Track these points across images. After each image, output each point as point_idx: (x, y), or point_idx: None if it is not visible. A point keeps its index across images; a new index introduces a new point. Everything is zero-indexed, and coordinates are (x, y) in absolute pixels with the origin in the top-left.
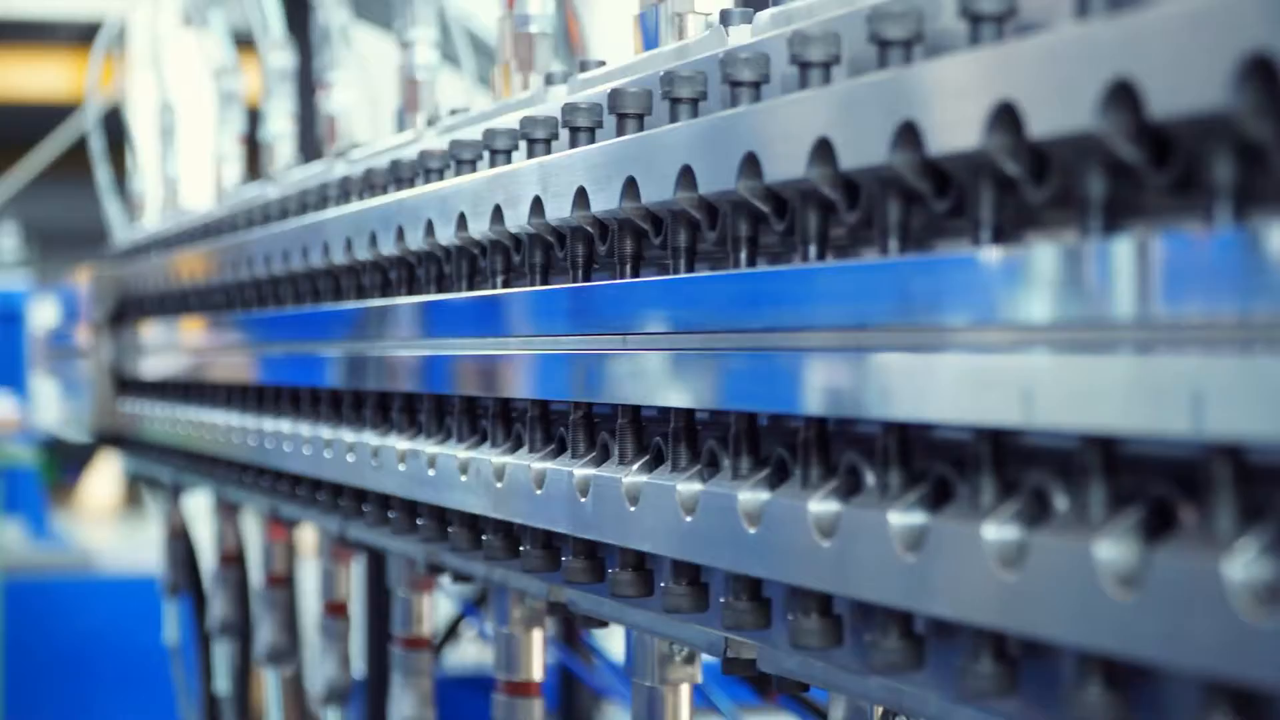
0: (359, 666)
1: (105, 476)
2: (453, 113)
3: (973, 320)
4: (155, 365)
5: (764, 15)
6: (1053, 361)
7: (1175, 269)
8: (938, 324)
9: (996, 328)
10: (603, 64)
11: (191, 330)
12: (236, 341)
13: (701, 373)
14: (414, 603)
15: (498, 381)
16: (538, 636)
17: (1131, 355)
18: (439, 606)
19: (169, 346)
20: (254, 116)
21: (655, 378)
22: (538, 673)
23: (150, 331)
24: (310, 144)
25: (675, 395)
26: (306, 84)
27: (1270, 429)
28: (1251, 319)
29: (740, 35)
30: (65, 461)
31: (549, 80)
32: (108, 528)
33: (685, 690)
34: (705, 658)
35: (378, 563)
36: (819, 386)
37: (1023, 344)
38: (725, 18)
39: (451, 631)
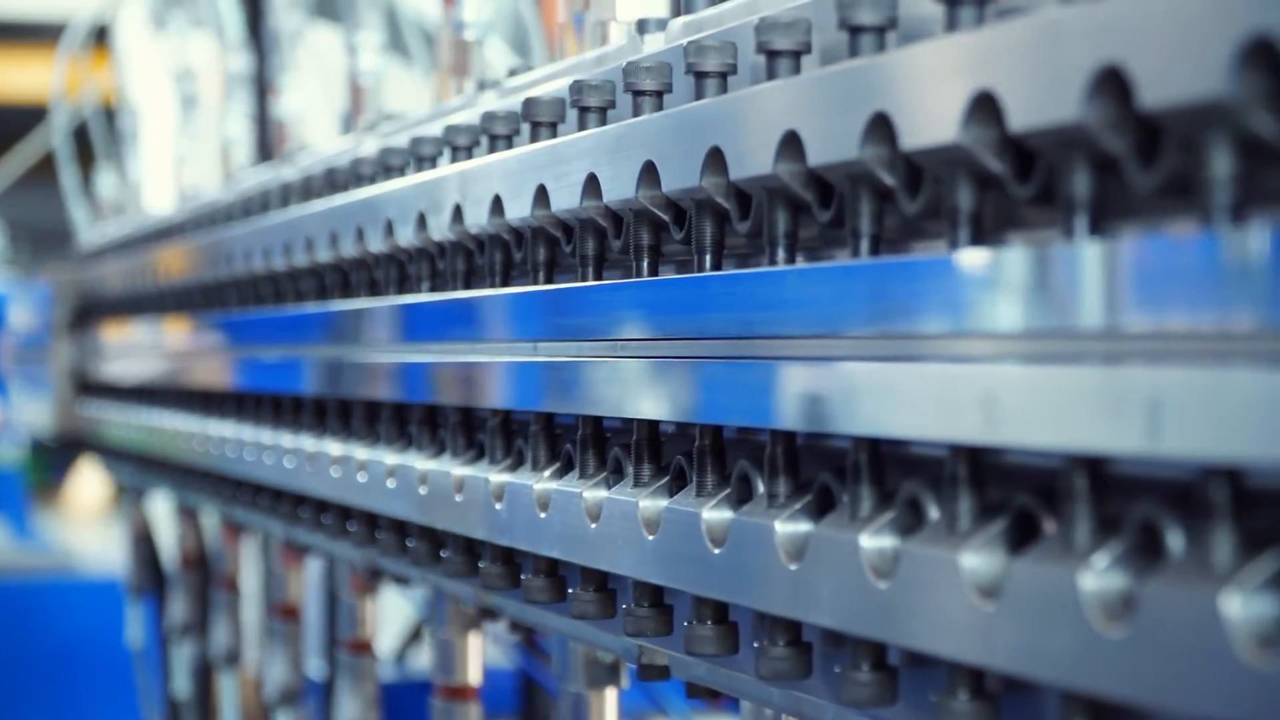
0: (318, 668)
1: (92, 477)
2: (388, 118)
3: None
4: (110, 369)
5: (676, 24)
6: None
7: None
8: (831, 334)
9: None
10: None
11: (143, 333)
12: (184, 345)
13: (605, 380)
14: (358, 607)
15: (417, 387)
16: (474, 641)
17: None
18: (404, 611)
19: (123, 350)
20: None
21: (563, 386)
22: (474, 677)
23: (106, 335)
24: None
25: (582, 403)
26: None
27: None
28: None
29: (655, 43)
30: (52, 462)
31: (481, 86)
32: (93, 528)
33: (611, 695)
34: None
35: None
36: (712, 395)
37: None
38: (641, 26)
39: (415, 636)
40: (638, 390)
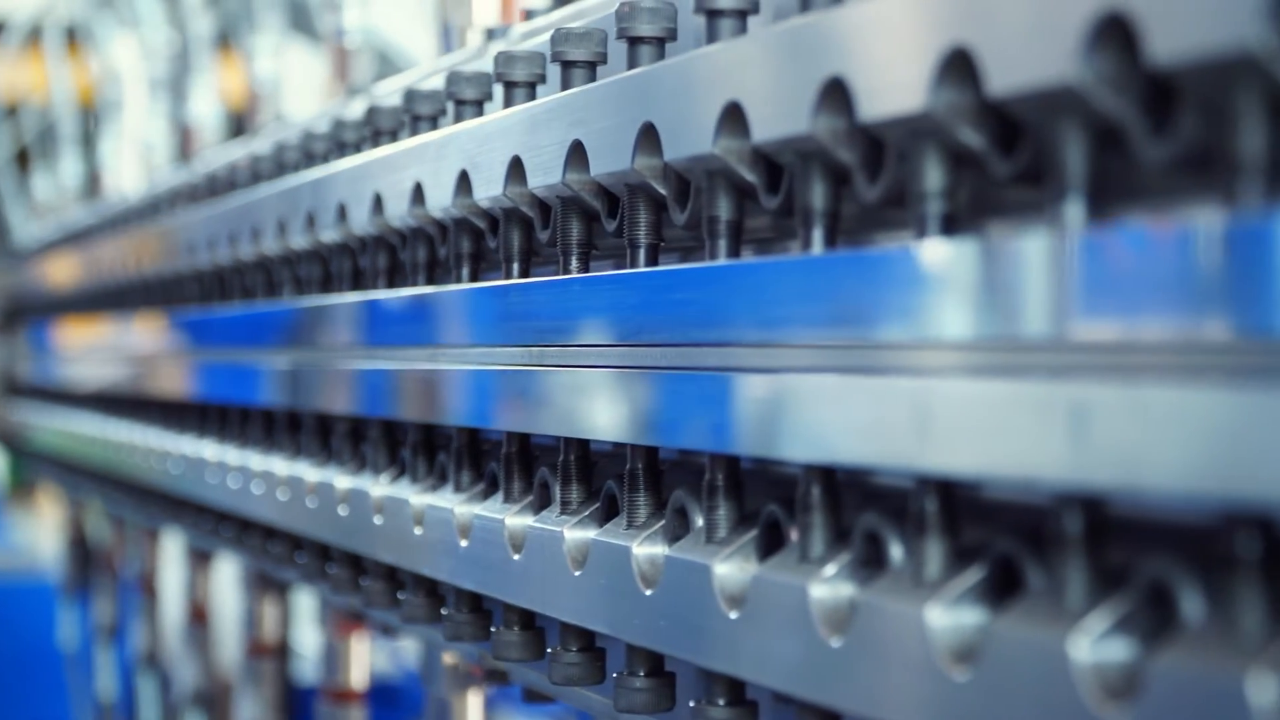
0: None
1: None
2: (277, 119)
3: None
4: (32, 370)
5: (517, 30)
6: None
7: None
8: (622, 341)
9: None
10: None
11: (60, 336)
12: (86, 348)
13: (426, 386)
14: (256, 610)
15: (273, 392)
16: (357, 645)
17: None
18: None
19: (43, 351)
20: None
21: (394, 392)
22: (358, 680)
23: (29, 336)
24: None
25: (408, 408)
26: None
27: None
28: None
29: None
30: (29, 464)
31: (353, 91)
32: None
33: (474, 700)
34: None
35: None
36: (512, 402)
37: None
38: (490, 34)
39: None
40: (455, 396)
